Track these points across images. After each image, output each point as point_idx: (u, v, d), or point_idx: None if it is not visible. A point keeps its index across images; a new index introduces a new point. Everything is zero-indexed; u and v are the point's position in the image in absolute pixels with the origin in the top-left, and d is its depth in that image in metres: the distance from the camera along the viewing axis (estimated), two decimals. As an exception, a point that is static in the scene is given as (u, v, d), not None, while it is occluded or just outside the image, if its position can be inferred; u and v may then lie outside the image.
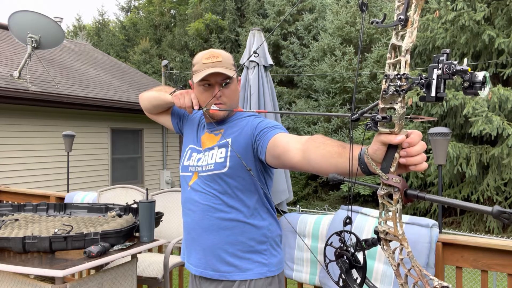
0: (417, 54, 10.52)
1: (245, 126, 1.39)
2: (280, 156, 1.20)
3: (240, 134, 1.38)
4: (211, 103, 1.39)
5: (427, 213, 9.93)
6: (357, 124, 10.63)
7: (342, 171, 0.92)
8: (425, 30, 9.79)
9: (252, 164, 1.35)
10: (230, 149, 1.36)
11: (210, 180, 1.39)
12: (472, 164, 8.33)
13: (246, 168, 1.32)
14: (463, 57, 9.39)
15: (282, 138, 1.22)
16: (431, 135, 4.53)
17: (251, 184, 1.38)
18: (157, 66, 17.11)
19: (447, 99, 8.37)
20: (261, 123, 1.36)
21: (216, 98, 1.39)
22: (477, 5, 8.58)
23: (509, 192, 8.58)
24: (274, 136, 1.25)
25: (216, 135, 1.44)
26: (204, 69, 1.37)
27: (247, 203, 1.38)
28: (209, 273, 1.40)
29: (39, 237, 1.78)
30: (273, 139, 1.25)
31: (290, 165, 1.18)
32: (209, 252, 1.39)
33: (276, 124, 1.33)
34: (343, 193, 10.75)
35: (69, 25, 28.28)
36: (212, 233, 1.39)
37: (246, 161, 1.34)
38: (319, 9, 14.88)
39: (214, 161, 1.38)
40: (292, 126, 12.83)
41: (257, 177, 1.37)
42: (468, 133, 8.66)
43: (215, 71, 1.35)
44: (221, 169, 1.36)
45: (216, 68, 1.35)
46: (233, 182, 1.37)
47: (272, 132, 1.28)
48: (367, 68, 11.41)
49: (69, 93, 7.12)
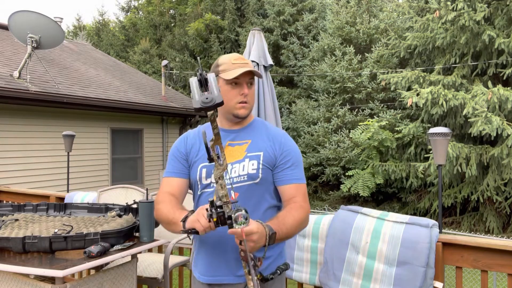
0: (417, 54, 10.53)
1: (274, 140, 1.50)
2: (282, 199, 1.49)
3: (267, 150, 1.48)
4: (238, 100, 1.46)
5: (427, 213, 9.93)
6: (356, 124, 10.64)
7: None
8: (425, 30, 9.79)
9: (271, 175, 1.49)
10: (262, 160, 1.45)
11: (240, 190, 1.44)
12: (472, 164, 8.33)
13: (272, 179, 1.47)
14: (463, 57, 9.39)
15: (292, 192, 1.45)
16: (431, 135, 4.53)
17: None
18: (157, 66, 17.10)
19: (447, 99, 8.37)
20: (289, 152, 1.49)
21: (243, 96, 1.46)
22: (477, 5, 8.57)
23: (509, 192, 8.58)
24: (288, 186, 1.46)
25: (240, 145, 1.49)
26: (235, 68, 1.43)
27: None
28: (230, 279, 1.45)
29: (39, 237, 1.78)
30: (287, 188, 1.46)
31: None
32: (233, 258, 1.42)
33: (300, 163, 1.51)
34: (343, 193, 10.75)
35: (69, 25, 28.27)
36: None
37: (268, 172, 1.47)
38: (319, 9, 14.89)
39: (247, 172, 1.44)
40: (292, 126, 12.84)
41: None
42: (468, 133, 8.66)
43: (248, 70, 1.42)
44: (254, 179, 1.43)
45: (248, 67, 1.44)
46: (263, 190, 1.47)
47: (291, 174, 1.47)
48: (367, 68, 11.40)
49: (69, 93, 7.12)
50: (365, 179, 10.08)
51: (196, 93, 1.15)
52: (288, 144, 1.50)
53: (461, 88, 9.12)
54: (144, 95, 9.36)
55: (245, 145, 1.48)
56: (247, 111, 1.48)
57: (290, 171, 1.46)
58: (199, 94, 1.14)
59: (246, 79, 1.46)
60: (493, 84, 8.60)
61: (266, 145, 1.48)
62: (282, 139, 1.50)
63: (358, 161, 10.69)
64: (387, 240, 1.82)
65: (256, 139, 1.50)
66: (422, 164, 8.86)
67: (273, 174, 1.46)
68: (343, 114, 11.58)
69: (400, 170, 9.71)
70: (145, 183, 9.12)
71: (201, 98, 1.13)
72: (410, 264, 1.75)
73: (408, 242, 1.77)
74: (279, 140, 1.49)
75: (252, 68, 1.47)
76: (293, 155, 1.49)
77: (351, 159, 10.81)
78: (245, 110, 1.47)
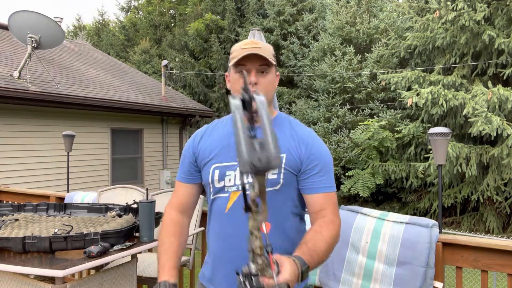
0: (417, 54, 10.52)
1: (300, 140, 1.29)
2: (308, 209, 1.30)
3: (291, 152, 1.28)
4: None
5: (427, 213, 9.93)
6: (356, 124, 10.64)
7: None
8: (425, 30, 9.79)
9: (295, 180, 1.30)
10: (285, 164, 1.25)
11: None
12: (472, 164, 8.33)
13: (296, 185, 1.28)
14: (463, 57, 9.39)
15: (321, 202, 1.27)
16: (431, 135, 4.54)
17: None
18: (157, 66, 17.09)
19: (447, 99, 8.37)
20: (318, 155, 1.28)
21: (251, 84, 1.24)
22: (477, 5, 8.57)
23: (509, 192, 8.58)
24: (316, 195, 1.27)
25: None
26: (243, 54, 1.25)
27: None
28: None
29: (39, 237, 1.78)
30: (315, 198, 1.27)
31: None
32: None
33: (330, 168, 1.30)
34: (343, 193, 10.75)
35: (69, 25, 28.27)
36: None
37: (292, 177, 1.28)
38: (319, 9, 14.89)
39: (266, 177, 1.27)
40: (292, 126, 12.81)
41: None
42: (468, 133, 8.65)
43: (253, 53, 1.24)
44: (275, 185, 1.24)
45: (255, 51, 1.24)
46: (284, 197, 1.29)
47: (320, 181, 1.27)
48: (367, 68, 11.41)
49: (69, 93, 7.12)
50: (365, 179, 10.08)
51: (243, 141, 0.81)
52: (316, 145, 1.30)
53: (461, 88, 9.12)
54: (144, 95, 9.36)
55: None
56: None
57: (318, 178, 1.26)
58: (248, 146, 0.81)
59: (256, 66, 1.26)
60: (493, 84, 8.60)
61: (290, 145, 1.27)
62: (309, 140, 1.29)
63: (358, 161, 10.69)
64: (387, 240, 1.82)
65: (278, 137, 1.31)
66: (422, 164, 8.86)
67: (298, 181, 1.27)
68: (343, 114, 11.58)
69: (400, 170, 9.71)
70: (145, 183, 9.12)
71: (250, 157, 0.80)
72: (410, 264, 1.75)
73: (408, 242, 1.77)
74: (306, 141, 1.28)
75: (266, 52, 1.26)
76: (323, 158, 1.28)
77: (351, 159, 10.82)
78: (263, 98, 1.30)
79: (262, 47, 1.27)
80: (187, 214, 1.41)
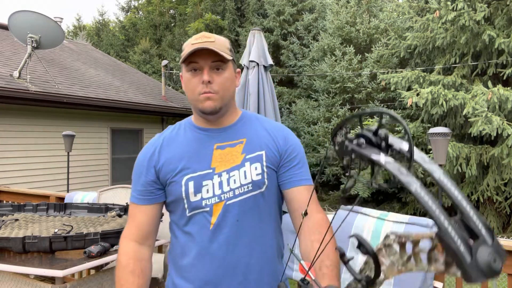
0: (417, 54, 10.52)
1: (276, 134, 1.21)
2: (289, 207, 1.19)
3: (269, 147, 1.19)
4: (199, 90, 1.11)
5: (427, 213, 9.93)
6: (356, 124, 10.62)
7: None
8: (425, 30, 9.79)
9: (276, 177, 1.21)
10: (265, 161, 1.16)
11: (246, 204, 1.14)
12: (472, 164, 8.33)
13: (277, 183, 1.19)
14: (463, 57, 9.40)
15: (304, 196, 1.16)
16: (431, 135, 4.54)
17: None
18: (157, 66, 17.10)
19: (447, 99, 8.38)
20: (295, 147, 1.22)
21: (204, 84, 1.10)
22: (477, 5, 8.57)
23: (509, 192, 8.58)
24: (298, 188, 1.17)
25: (233, 146, 1.17)
26: (191, 49, 1.11)
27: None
28: None
29: (39, 237, 1.78)
30: (297, 191, 1.17)
31: (291, 221, 1.20)
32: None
33: (306, 160, 1.23)
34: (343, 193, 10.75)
35: (69, 25, 28.31)
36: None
37: (273, 175, 1.19)
38: (319, 9, 14.89)
39: (250, 180, 1.13)
40: (292, 126, 12.83)
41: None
42: (468, 133, 8.66)
43: (204, 47, 1.08)
44: (261, 187, 1.15)
45: (206, 45, 1.09)
46: (270, 201, 1.20)
47: (300, 173, 1.19)
48: (367, 68, 11.41)
49: (69, 93, 7.12)
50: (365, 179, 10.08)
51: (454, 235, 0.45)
52: (292, 136, 1.24)
53: (461, 88, 9.12)
54: (144, 95, 9.36)
55: (239, 146, 1.17)
56: (214, 103, 1.12)
57: (298, 170, 1.18)
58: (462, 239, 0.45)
59: (208, 62, 1.10)
60: (493, 84, 8.60)
61: (268, 141, 1.18)
62: (284, 132, 1.23)
63: (358, 161, 10.69)
64: (387, 240, 1.82)
65: (251, 136, 1.19)
66: (422, 164, 8.85)
67: (278, 176, 1.18)
68: (343, 114, 11.58)
69: (400, 170, 9.71)
70: (145, 183, 9.11)
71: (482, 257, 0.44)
72: (410, 264, 1.75)
73: (408, 242, 1.77)
74: (282, 134, 1.21)
75: (220, 46, 1.12)
76: (300, 149, 1.22)
77: (351, 159, 10.82)
78: (212, 103, 1.11)
79: (215, 41, 1.12)
80: (148, 243, 1.21)
